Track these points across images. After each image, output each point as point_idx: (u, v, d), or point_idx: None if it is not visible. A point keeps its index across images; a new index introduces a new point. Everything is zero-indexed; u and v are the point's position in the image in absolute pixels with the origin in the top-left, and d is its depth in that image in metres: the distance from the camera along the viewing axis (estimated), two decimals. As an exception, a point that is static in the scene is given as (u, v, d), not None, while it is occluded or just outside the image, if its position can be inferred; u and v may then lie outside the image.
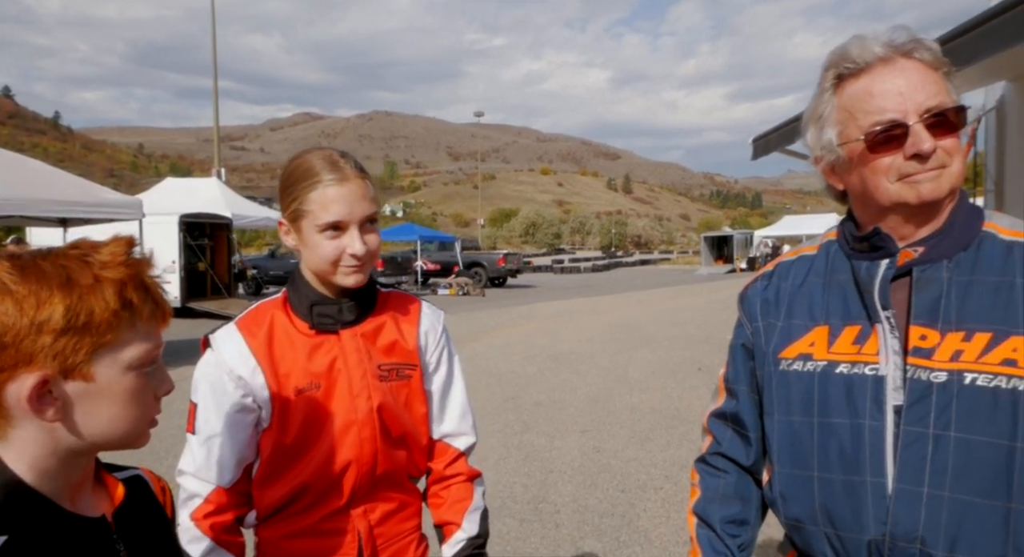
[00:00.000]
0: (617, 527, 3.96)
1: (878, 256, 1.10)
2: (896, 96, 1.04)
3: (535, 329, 13.33)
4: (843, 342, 1.10)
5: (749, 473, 1.27)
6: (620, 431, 5.99)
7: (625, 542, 3.76)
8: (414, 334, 1.41)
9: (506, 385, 7.99)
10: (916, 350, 1.03)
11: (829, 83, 1.12)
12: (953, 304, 1.04)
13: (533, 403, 7.10)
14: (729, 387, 1.30)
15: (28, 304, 0.71)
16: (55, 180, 9.12)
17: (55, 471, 0.78)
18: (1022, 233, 1.07)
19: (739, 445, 1.27)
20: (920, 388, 1.02)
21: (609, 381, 8.15)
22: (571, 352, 10.33)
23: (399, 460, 1.35)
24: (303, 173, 1.26)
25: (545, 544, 3.75)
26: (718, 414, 1.31)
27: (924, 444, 1.00)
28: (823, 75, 1.13)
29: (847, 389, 1.07)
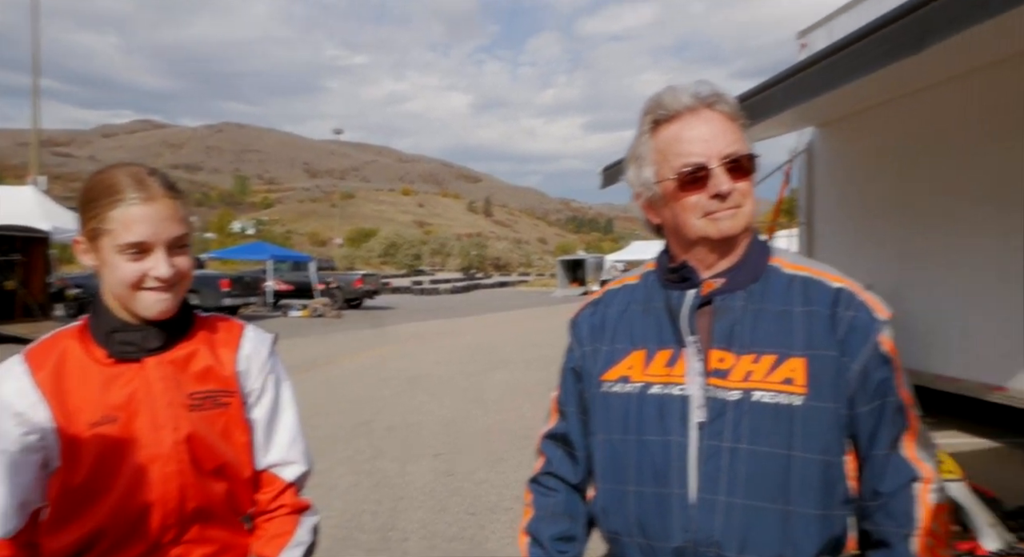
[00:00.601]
0: (466, 551, 3.96)
1: (686, 286, 1.21)
2: (701, 142, 1.16)
3: (392, 352, 13.13)
4: (657, 365, 1.20)
5: (577, 491, 1.33)
6: (473, 453, 6.02)
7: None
8: (232, 359, 1.34)
9: (359, 410, 7.79)
10: (715, 371, 1.14)
11: (647, 126, 1.23)
12: (746, 330, 1.16)
13: (386, 428, 6.97)
14: (560, 409, 1.36)
15: None
16: None
17: None
18: (801, 267, 1.22)
19: (568, 464, 1.33)
20: (718, 406, 1.12)
21: (465, 403, 8.19)
22: (428, 375, 10.27)
23: (215, 495, 1.27)
24: (105, 189, 1.18)
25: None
26: (550, 435, 1.37)
27: (721, 456, 1.11)
28: (642, 119, 1.24)
29: (659, 408, 1.16)
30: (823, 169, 8.00)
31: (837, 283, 1.18)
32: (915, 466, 1.12)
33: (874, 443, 1.13)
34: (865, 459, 1.14)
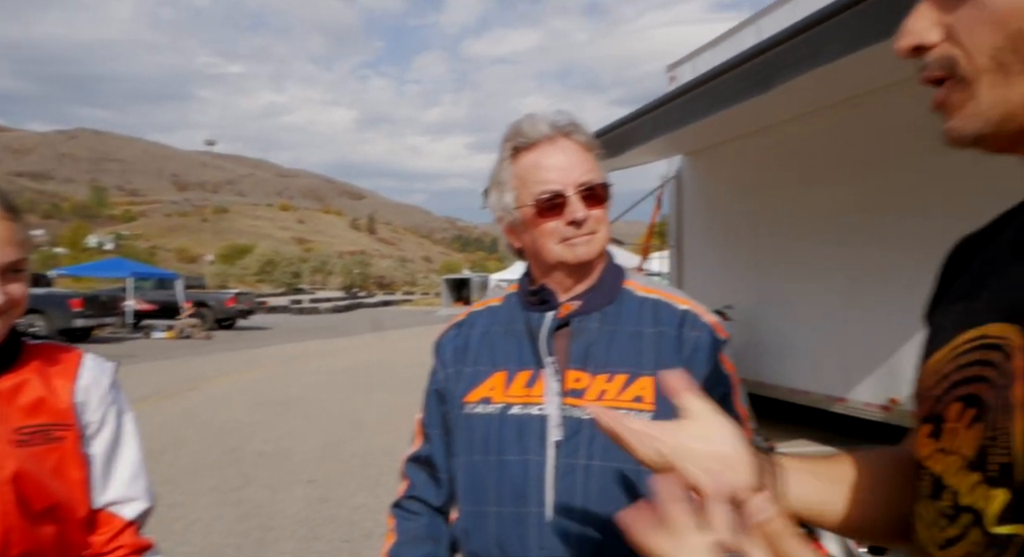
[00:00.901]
0: (339, 580, 3.82)
1: (545, 308, 1.25)
2: (558, 170, 1.20)
3: (265, 374, 12.54)
4: (517, 385, 1.22)
5: (440, 513, 1.32)
6: (350, 478, 5.84)
7: (346, 595, 3.65)
8: (69, 390, 1.24)
9: (227, 436, 7.37)
10: (571, 391, 1.18)
11: (507, 153, 1.26)
12: (601, 350, 1.20)
13: (256, 454, 6.62)
14: (424, 431, 1.35)
15: None
16: None
17: None
18: (652, 290, 1.28)
19: (431, 487, 1.32)
20: (573, 425, 1.16)
21: (342, 426, 7.94)
22: (303, 397, 9.89)
23: (44, 538, 1.16)
24: None
25: (258, 609, 3.48)
26: (413, 458, 1.36)
27: (576, 474, 1.14)
28: (503, 145, 1.27)
29: (519, 428, 1.18)
30: (690, 195, 8.51)
31: (683, 305, 1.25)
32: None
33: None
34: None
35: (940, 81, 0.59)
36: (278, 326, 26.43)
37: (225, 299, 24.09)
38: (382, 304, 51.16)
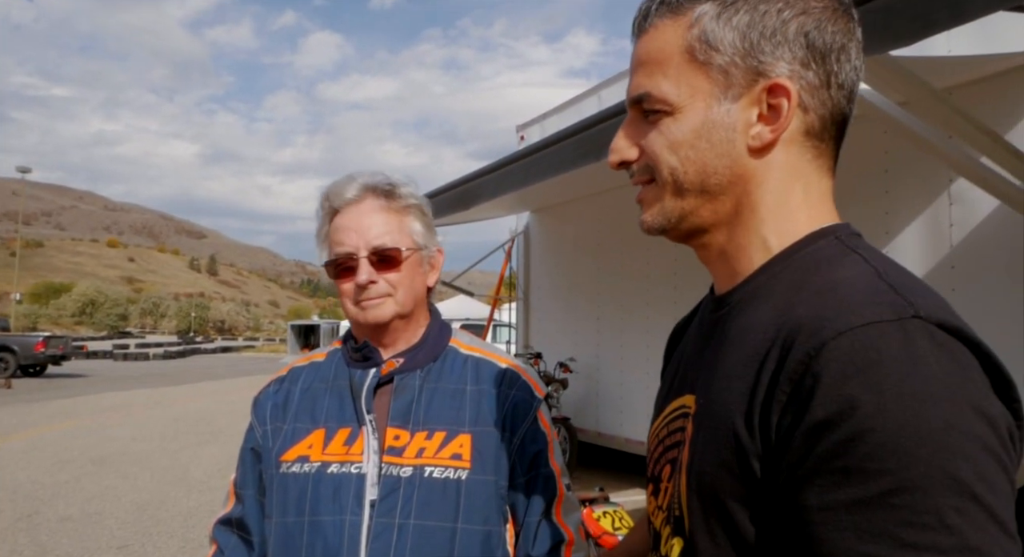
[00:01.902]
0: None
1: (368, 365, 1.25)
2: (353, 233, 1.23)
3: (78, 427, 11.25)
4: (336, 444, 1.20)
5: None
6: (169, 542, 5.34)
7: None
8: None
9: (22, 500, 6.49)
10: (390, 449, 1.18)
11: (325, 211, 1.29)
12: (422, 407, 1.22)
13: (59, 519, 5.89)
14: (237, 492, 1.30)
15: None
16: None
17: None
18: (476, 349, 1.32)
19: (241, 551, 1.27)
20: (391, 483, 1.16)
21: (164, 484, 7.27)
22: (122, 453, 8.96)
23: None
24: None
25: None
26: (224, 521, 1.30)
27: (390, 533, 1.13)
28: (323, 203, 1.29)
29: (335, 487, 1.16)
30: (537, 250, 8.88)
31: (504, 364, 1.30)
32: (562, 530, 1.23)
33: (529, 510, 1.23)
34: (521, 526, 1.24)
35: (643, 182, 0.74)
36: (98, 373, 23.87)
37: (33, 343, 21.45)
38: (221, 350, 47.85)
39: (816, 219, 0.69)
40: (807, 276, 0.64)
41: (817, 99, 0.67)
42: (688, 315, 0.93)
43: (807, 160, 0.69)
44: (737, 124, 0.68)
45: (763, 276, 0.69)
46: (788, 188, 0.69)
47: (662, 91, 0.69)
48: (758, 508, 0.60)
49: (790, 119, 0.67)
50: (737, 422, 0.61)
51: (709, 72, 0.68)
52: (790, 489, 0.56)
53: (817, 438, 0.54)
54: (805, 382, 0.55)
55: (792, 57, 0.66)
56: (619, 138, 0.75)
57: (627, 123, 0.74)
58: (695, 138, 0.68)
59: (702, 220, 0.72)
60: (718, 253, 0.74)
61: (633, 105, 0.73)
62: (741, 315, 0.69)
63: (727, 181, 0.69)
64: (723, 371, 0.66)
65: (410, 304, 1.26)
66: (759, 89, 0.67)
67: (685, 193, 0.70)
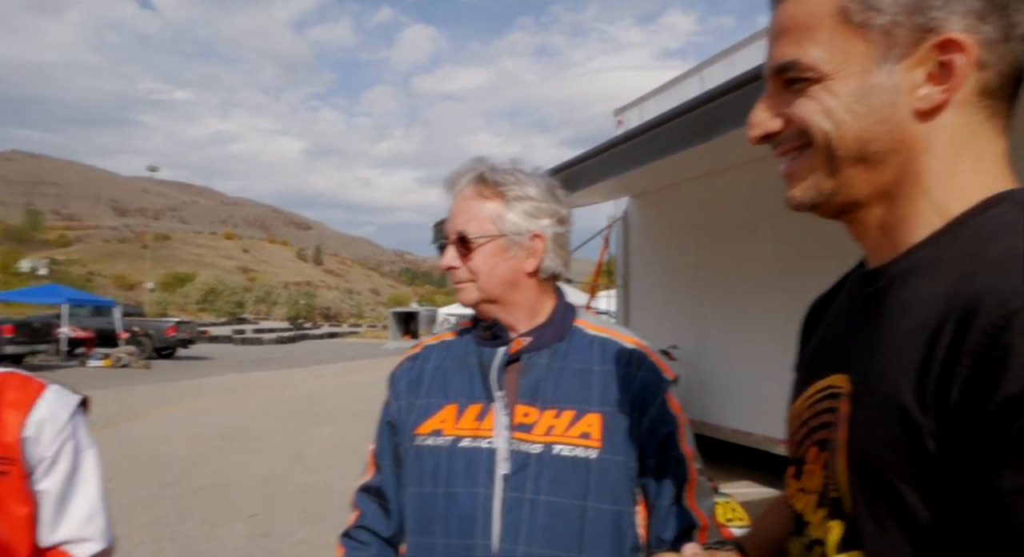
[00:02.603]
0: (280, 616, 3.76)
1: (497, 344, 1.31)
2: (449, 220, 1.32)
3: (206, 406, 12.18)
4: (467, 419, 1.26)
5: (390, 544, 1.35)
6: (292, 513, 5.73)
7: (288, 631, 3.59)
8: (18, 423, 1.22)
9: (164, 470, 7.14)
10: (520, 425, 1.23)
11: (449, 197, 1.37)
12: (550, 386, 1.26)
13: (195, 488, 6.44)
14: (376, 462, 1.38)
15: None
16: None
17: None
18: (601, 329, 1.35)
19: (380, 517, 1.35)
20: (521, 459, 1.21)
21: (284, 460, 7.78)
22: (245, 430, 9.64)
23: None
24: None
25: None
26: (364, 488, 1.38)
27: (522, 507, 1.18)
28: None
29: (468, 461, 1.23)
30: (636, 236, 8.78)
31: (631, 345, 1.31)
32: (694, 514, 1.23)
33: (659, 493, 1.24)
34: (652, 508, 1.25)
35: (793, 154, 0.71)
36: (220, 356, 25.67)
37: (165, 328, 23.36)
38: (328, 336, 50.21)
39: (990, 184, 0.65)
40: (984, 245, 0.60)
41: (995, 54, 0.62)
42: (828, 292, 0.89)
43: (980, 121, 0.64)
44: (901, 86, 0.64)
45: (929, 247, 0.65)
46: (958, 153, 0.65)
47: (812, 58, 0.65)
48: (932, 489, 0.57)
49: (965, 78, 0.62)
50: (906, 399, 0.58)
51: (867, 34, 0.64)
52: (979, 470, 0.52)
53: (1012, 414, 0.50)
54: (993, 354, 0.52)
55: (967, 10, 0.61)
56: (759, 110, 0.72)
57: (767, 95, 0.72)
58: (852, 103, 0.64)
59: (859, 192, 0.68)
60: (876, 227, 0.70)
61: (775, 75, 0.69)
62: (902, 288, 0.66)
63: (888, 148, 0.65)
64: (885, 347, 0.63)
65: (495, 290, 1.29)
66: (928, 47, 0.62)
67: (841, 163, 0.67)
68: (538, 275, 1.32)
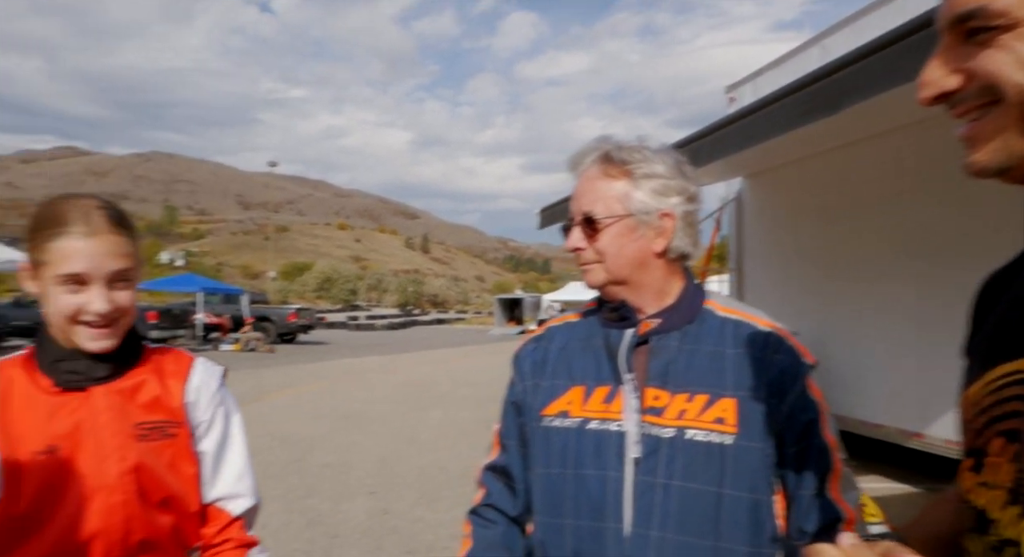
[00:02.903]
0: (402, 590, 3.91)
1: (625, 325, 1.27)
2: (573, 201, 1.28)
3: (325, 388, 12.85)
4: (595, 401, 1.24)
5: (516, 523, 1.35)
6: (408, 492, 5.95)
7: (409, 605, 3.72)
8: (180, 390, 1.34)
9: (291, 447, 7.59)
10: (650, 409, 1.20)
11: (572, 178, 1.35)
12: (680, 369, 1.22)
13: (320, 465, 6.81)
14: (501, 442, 1.39)
15: None
16: None
17: None
18: (733, 311, 1.29)
19: (507, 496, 1.36)
20: (652, 442, 1.18)
21: (399, 441, 8.08)
22: (362, 412, 10.10)
23: (161, 528, 1.26)
24: (49, 220, 1.19)
25: (326, 614, 3.59)
26: (491, 467, 1.40)
27: (654, 492, 1.16)
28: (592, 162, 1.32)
29: (596, 443, 1.21)
30: (751, 218, 8.42)
31: (767, 327, 1.25)
32: (839, 507, 1.17)
33: (800, 483, 1.19)
34: (792, 499, 1.20)
35: (975, 114, 0.63)
36: (336, 341, 27.01)
37: (287, 314, 24.81)
38: (436, 322, 51.68)
39: None
40: None
41: None
42: (1007, 266, 0.81)
43: None
44: None
45: None
46: None
47: (1003, 3, 0.60)
48: None
49: None
50: None
51: None
52: None
53: None
54: None
55: None
56: (932, 68, 0.65)
57: (942, 49, 0.66)
58: None
59: None
60: None
61: (954, 26, 0.64)
62: None
63: None
64: None
65: (623, 271, 1.26)
66: None
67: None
68: (667, 255, 1.28)
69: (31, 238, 1.19)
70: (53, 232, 1.17)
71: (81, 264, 1.16)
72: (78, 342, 1.20)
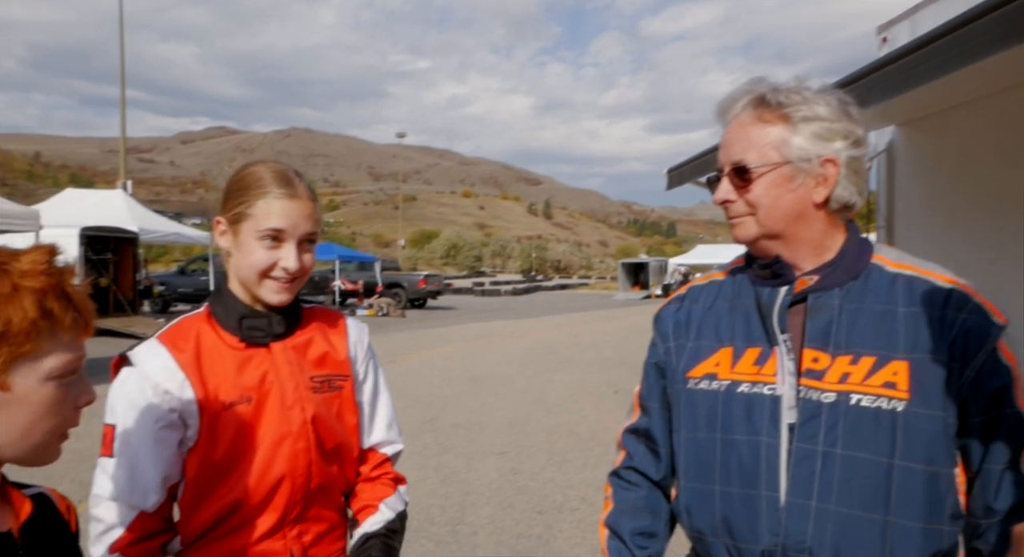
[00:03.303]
0: (533, 548, 3.98)
1: (778, 283, 1.17)
2: (722, 150, 1.19)
3: (454, 351, 13.29)
4: (745, 363, 1.17)
5: (659, 487, 1.31)
6: (538, 453, 6.03)
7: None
8: (344, 346, 1.42)
9: (424, 407, 7.92)
10: (808, 372, 1.10)
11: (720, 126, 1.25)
12: (843, 329, 1.11)
13: (452, 425, 7.06)
14: (642, 404, 1.34)
15: None
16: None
17: None
18: (905, 266, 1.16)
19: (650, 460, 1.31)
20: (811, 408, 1.08)
21: (527, 403, 8.21)
22: (490, 375, 10.35)
23: (332, 474, 1.35)
24: (256, 181, 1.28)
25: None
26: (632, 430, 1.35)
27: (813, 460, 1.07)
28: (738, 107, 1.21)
29: (747, 407, 1.13)
30: (906, 169, 7.68)
31: (947, 283, 1.12)
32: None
33: (988, 457, 1.06)
34: (978, 473, 1.07)
35: None
36: (463, 307, 27.83)
37: (417, 280, 25.81)
38: (559, 287, 51.95)
39: None
40: None
41: None
42: None
43: None
44: None
45: None
46: None
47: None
48: None
49: None
50: None
51: None
52: None
53: None
54: None
55: None
56: None
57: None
58: None
59: None
60: None
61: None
62: None
63: None
64: None
65: (778, 224, 1.15)
66: None
67: None
68: (828, 206, 1.16)
69: (234, 196, 1.28)
70: (261, 191, 1.26)
71: (283, 221, 1.25)
72: (262, 295, 1.28)
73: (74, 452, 5.47)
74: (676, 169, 8.06)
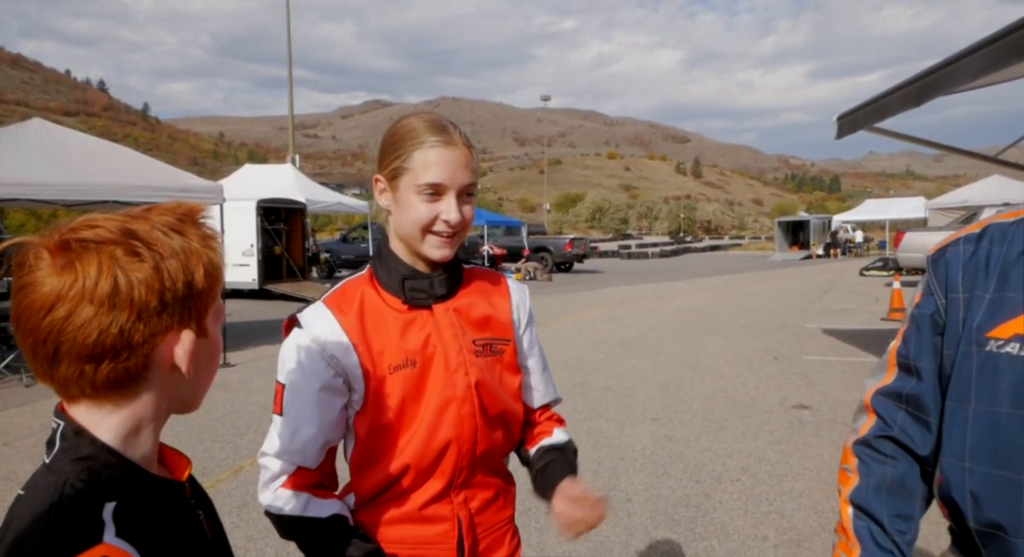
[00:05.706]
0: (692, 518, 3.84)
1: None
2: None
3: (602, 314, 13.17)
4: None
5: (920, 464, 1.12)
6: (693, 420, 5.83)
7: (701, 534, 3.65)
8: (507, 308, 1.38)
9: (574, 370, 7.92)
10: None
11: None
12: None
13: (602, 389, 7.00)
14: (907, 363, 1.13)
15: (182, 265, 0.74)
16: (145, 167, 9.55)
17: (149, 435, 0.79)
18: None
19: (915, 430, 1.11)
20: None
21: (679, 368, 7.96)
22: (640, 338, 10.15)
23: (497, 440, 1.32)
24: (409, 132, 1.24)
25: (617, 532, 3.68)
26: (888, 393, 1.15)
27: None
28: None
29: None
30: None
31: None
32: None
33: None
34: None
35: None
36: (609, 270, 27.53)
37: (563, 244, 25.84)
38: (710, 249, 49.96)
39: None
40: None
41: None
42: None
43: None
44: None
45: None
46: None
47: None
48: None
49: None
50: None
51: None
52: None
53: None
54: None
55: None
56: None
57: None
58: None
59: None
60: None
61: None
62: None
63: None
64: None
65: None
66: None
67: None
68: None
69: (390, 150, 1.25)
70: (416, 142, 1.21)
71: (442, 173, 1.20)
72: (424, 251, 1.25)
73: (258, 405, 6.02)
74: (848, 115, 7.30)
